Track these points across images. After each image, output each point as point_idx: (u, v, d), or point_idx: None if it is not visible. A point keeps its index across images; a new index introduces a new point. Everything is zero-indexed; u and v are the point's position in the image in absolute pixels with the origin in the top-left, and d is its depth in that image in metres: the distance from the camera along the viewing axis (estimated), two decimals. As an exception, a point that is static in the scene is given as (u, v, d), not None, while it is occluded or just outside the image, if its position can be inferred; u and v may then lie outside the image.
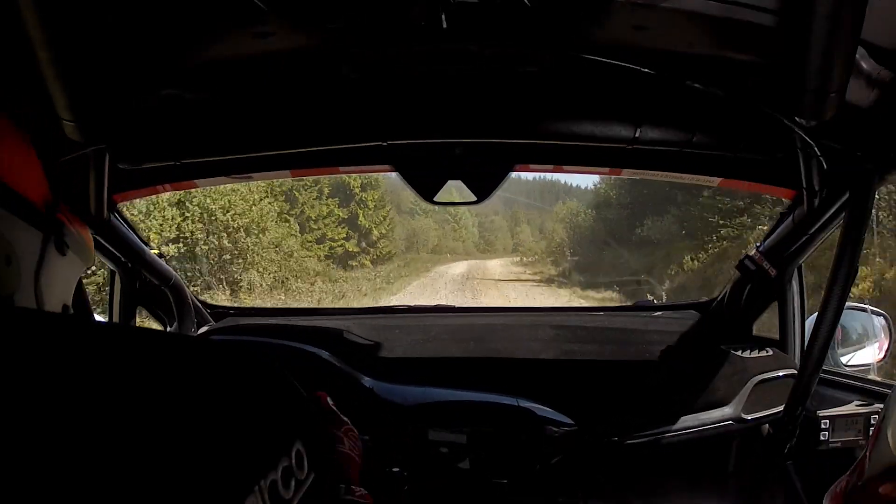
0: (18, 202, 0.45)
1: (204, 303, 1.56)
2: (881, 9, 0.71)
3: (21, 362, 0.31)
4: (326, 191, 14.85)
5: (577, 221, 18.37)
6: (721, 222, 10.78)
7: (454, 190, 1.24)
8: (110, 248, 1.24)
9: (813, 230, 1.19)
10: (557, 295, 12.88)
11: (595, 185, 18.37)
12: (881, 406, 1.16)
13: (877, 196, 1.02)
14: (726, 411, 1.27)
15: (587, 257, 16.05)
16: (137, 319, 1.45)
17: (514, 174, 1.22)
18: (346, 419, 0.68)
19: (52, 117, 0.80)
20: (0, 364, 0.31)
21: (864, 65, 0.81)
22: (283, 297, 11.28)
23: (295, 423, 0.42)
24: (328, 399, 0.69)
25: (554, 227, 20.36)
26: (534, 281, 16.14)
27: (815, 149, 0.99)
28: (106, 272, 1.53)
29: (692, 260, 11.31)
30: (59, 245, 0.50)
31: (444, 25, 0.80)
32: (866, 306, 1.46)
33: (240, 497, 0.34)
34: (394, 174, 1.20)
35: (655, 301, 1.75)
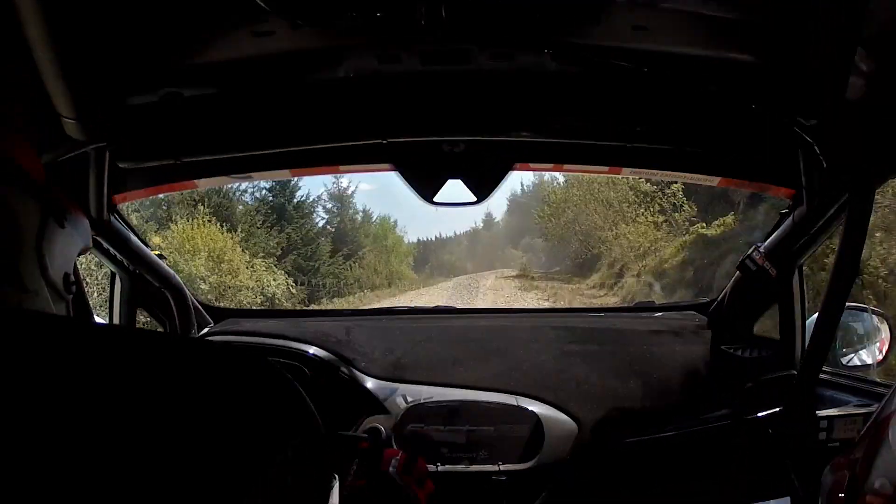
0: (19, 173, 0.48)
1: (204, 304, 1.56)
2: (881, 9, 0.71)
3: (23, 364, 0.32)
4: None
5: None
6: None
7: (454, 190, 1.23)
8: (111, 249, 1.23)
9: (814, 230, 1.19)
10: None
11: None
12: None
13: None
14: (726, 411, 1.27)
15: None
16: (138, 321, 1.45)
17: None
18: None
19: (53, 115, 0.80)
20: (2, 366, 0.31)
21: (864, 64, 0.81)
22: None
23: (292, 421, 0.42)
24: None
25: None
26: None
27: (815, 148, 0.99)
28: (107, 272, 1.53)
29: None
30: (59, 217, 0.53)
31: (445, 24, 0.80)
32: (867, 306, 1.45)
33: (238, 495, 0.34)
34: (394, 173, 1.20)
35: (656, 301, 1.75)
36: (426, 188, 1.20)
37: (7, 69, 0.69)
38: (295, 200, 11.82)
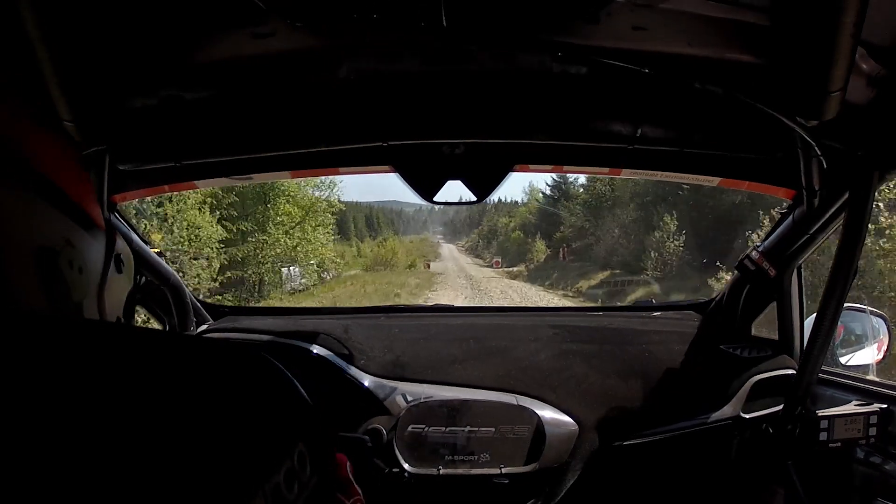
0: (87, 220, 0.50)
1: (202, 302, 1.55)
2: (881, 9, 0.71)
3: (29, 363, 0.31)
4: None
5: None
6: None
7: (454, 189, 1.23)
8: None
9: (813, 230, 1.19)
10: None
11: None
12: (880, 406, 1.16)
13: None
14: (726, 411, 1.27)
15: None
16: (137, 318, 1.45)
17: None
18: (358, 489, 0.64)
19: (53, 118, 0.80)
20: (7, 364, 0.31)
21: (864, 65, 0.81)
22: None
23: (297, 424, 0.42)
24: (347, 465, 0.65)
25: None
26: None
27: (816, 148, 1.00)
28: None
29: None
30: (118, 262, 0.55)
31: (444, 25, 0.80)
32: (866, 307, 1.46)
33: (243, 499, 0.33)
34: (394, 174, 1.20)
35: (655, 301, 1.75)
36: (426, 188, 1.20)
37: (7, 72, 0.69)
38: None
